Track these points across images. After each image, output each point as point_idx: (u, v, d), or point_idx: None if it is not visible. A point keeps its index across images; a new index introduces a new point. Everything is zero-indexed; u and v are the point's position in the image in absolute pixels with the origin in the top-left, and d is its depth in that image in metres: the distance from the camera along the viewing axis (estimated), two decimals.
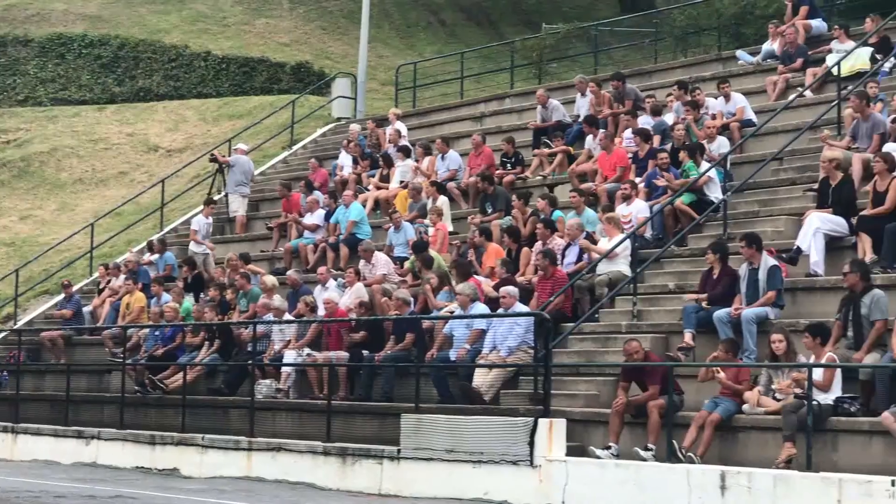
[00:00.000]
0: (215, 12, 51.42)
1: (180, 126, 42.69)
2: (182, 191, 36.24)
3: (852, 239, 19.41)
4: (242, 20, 50.95)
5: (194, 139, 41.21)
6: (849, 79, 24.34)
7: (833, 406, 16.45)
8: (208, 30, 49.99)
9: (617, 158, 24.65)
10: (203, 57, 46.40)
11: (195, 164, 37.45)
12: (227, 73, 45.96)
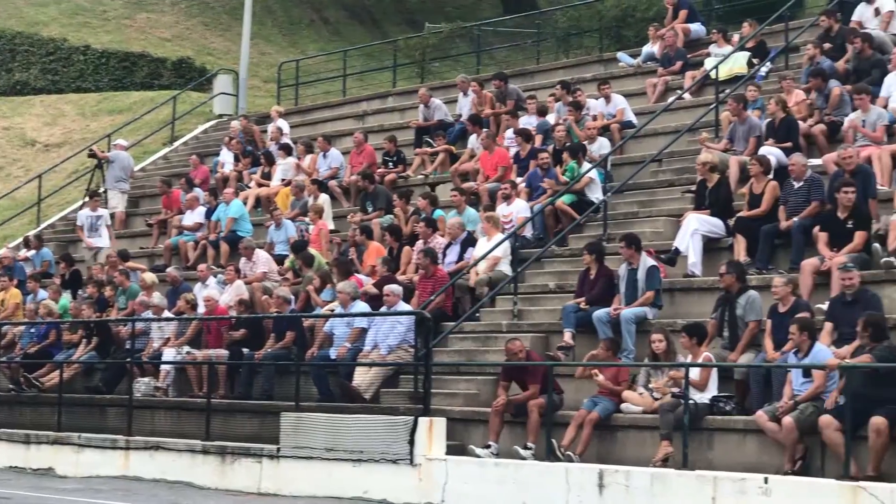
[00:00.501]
0: (95, 5, 50.73)
1: (58, 121, 42.06)
2: (59, 186, 35.73)
3: (729, 240, 19.67)
4: (123, 14, 50.32)
5: (73, 134, 40.63)
6: (726, 82, 24.68)
7: (709, 405, 16.67)
8: (88, 23, 49.30)
9: (498, 158, 24.75)
10: (82, 51, 45.73)
11: (73, 159, 36.90)
12: (107, 67, 45.34)
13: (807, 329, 15.86)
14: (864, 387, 14.96)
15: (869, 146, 19.73)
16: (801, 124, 21.30)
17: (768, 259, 18.95)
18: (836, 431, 15.00)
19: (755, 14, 28.82)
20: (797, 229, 18.59)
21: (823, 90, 21.71)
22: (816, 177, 19.22)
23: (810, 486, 14.89)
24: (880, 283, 17.32)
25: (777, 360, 16.39)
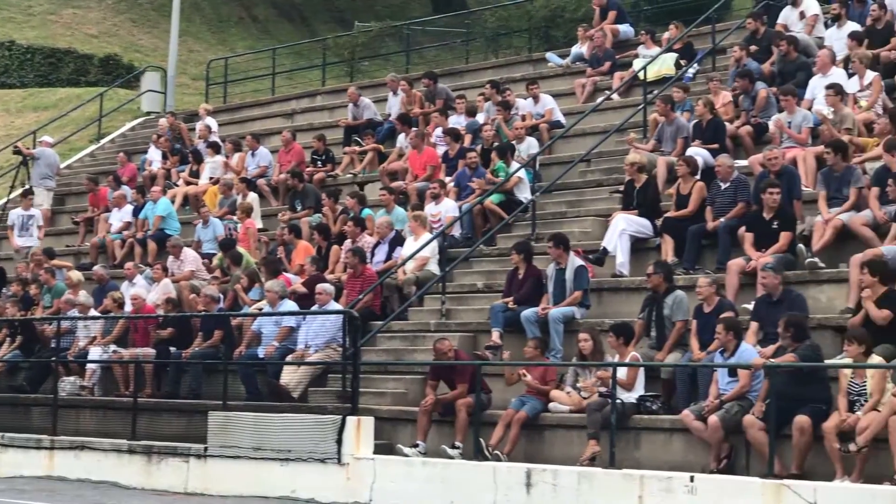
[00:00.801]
0: (20, 0, 50.26)
1: None
2: None
3: (656, 240, 19.80)
4: (48, 10, 49.86)
5: None
6: (654, 83, 24.83)
7: (636, 404, 16.77)
8: (13, 18, 48.81)
9: (427, 157, 24.78)
10: (7, 46, 45.24)
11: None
12: (32, 63, 44.87)
13: (733, 329, 16.00)
14: (788, 386, 15.10)
15: (794, 148, 19.92)
16: (727, 126, 21.48)
17: (695, 259, 19.09)
18: (761, 430, 15.15)
19: (682, 16, 29.01)
20: (723, 230, 18.74)
21: (750, 92, 21.90)
22: (742, 178, 19.38)
23: (735, 484, 15.02)
24: (805, 284, 17.49)
25: (703, 359, 16.52)
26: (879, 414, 14.39)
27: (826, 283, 17.52)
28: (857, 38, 21.96)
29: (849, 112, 19.84)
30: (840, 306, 16.98)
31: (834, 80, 20.69)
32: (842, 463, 14.58)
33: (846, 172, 18.21)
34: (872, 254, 16.48)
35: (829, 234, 17.78)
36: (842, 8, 23.29)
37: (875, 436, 14.32)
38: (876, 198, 17.74)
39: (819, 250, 17.76)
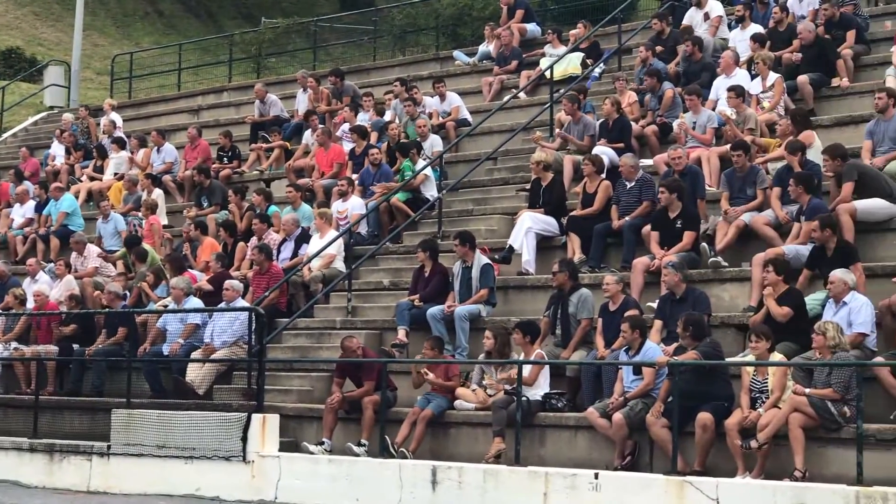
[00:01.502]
0: None
1: None
2: None
3: (562, 239, 19.90)
4: None
5: None
6: (561, 82, 24.96)
7: (541, 402, 16.84)
8: None
9: (334, 154, 24.73)
10: None
11: None
12: None
13: (638, 327, 16.11)
14: (691, 384, 15.24)
15: (698, 147, 20.10)
16: (633, 125, 21.64)
17: (601, 258, 19.21)
18: (664, 428, 15.28)
19: (589, 16, 29.21)
20: (629, 229, 18.88)
21: (657, 91, 22.08)
22: (648, 177, 19.54)
23: (639, 481, 15.14)
24: (708, 282, 17.67)
25: (608, 357, 16.63)
26: (780, 411, 14.57)
27: (729, 281, 17.72)
28: (760, 39, 22.21)
29: (752, 113, 20.06)
30: (742, 304, 17.17)
31: (737, 81, 20.93)
32: (743, 459, 14.75)
33: (749, 173, 18.41)
34: (774, 253, 16.69)
35: (732, 234, 17.98)
36: (745, 10, 23.55)
37: (776, 432, 14.50)
38: (778, 198, 17.96)
39: (722, 249, 17.95)
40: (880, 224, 17.34)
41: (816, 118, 20.32)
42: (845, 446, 14.29)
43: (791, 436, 14.38)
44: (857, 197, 17.28)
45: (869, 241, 17.24)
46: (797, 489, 13.98)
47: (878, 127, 18.49)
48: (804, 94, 21.07)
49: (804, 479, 14.20)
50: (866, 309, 15.36)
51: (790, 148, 18.07)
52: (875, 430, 14.30)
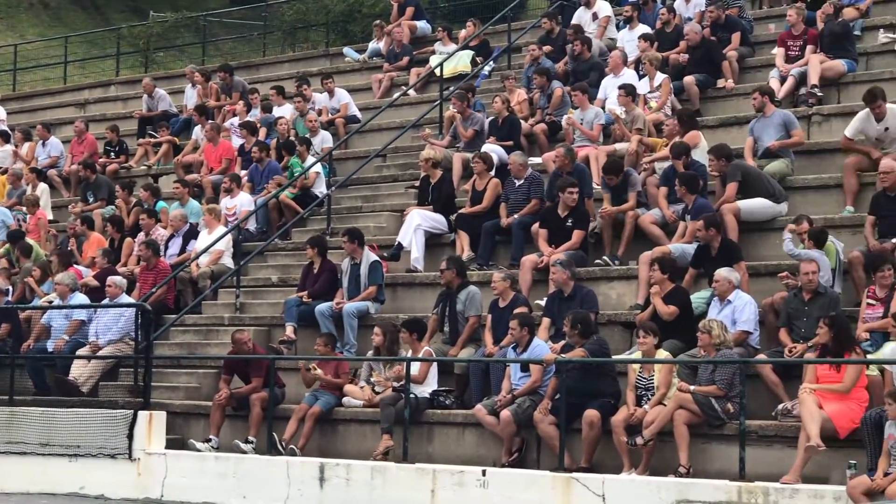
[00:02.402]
0: None
1: None
2: None
3: (451, 236, 19.95)
4: None
5: None
6: (451, 80, 25.03)
7: (429, 399, 16.88)
8: None
9: (223, 150, 24.57)
10: None
11: None
12: None
13: (526, 324, 16.19)
14: (578, 381, 15.36)
15: (586, 146, 20.25)
16: (523, 123, 21.75)
17: (489, 255, 19.29)
18: (551, 425, 15.38)
19: (479, 14, 29.33)
20: (517, 226, 18.98)
21: (547, 89, 22.21)
22: (537, 175, 19.65)
23: (526, 477, 15.24)
24: (596, 280, 17.82)
25: (496, 354, 16.71)
26: (665, 408, 14.73)
27: (616, 279, 17.89)
28: (648, 40, 22.44)
29: (640, 112, 20.26)
30: (629, 302, 17.35)
31: (625, 80, 21.12)
32: (629, 456, 14.89)
33: (625, 177, 18.58)
34: (660, 251, 16.87)
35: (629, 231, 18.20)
36: (633, 11, 23.77)
37: (661, 429, 14.66)
38: (664, 197, 18.16)
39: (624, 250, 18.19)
40: (763, 224, 17.61)
41: (702, 118, 20.58)
42: (728, 442, 14.49)
43: (676, 432, 14.55)
44: (742, 197, 17.53)
45: (752, 240, 17.50)
46: (681, 485, 14.15)
47: (760, 123, 18.77)
48: (690, 95, 21.33)
49: (688, 474, 14.38)
50: (750, 307, 15.58)
51: (675, 151, 18.27)
52: (757, 426, 14.51)
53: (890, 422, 12.96)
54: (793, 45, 21.09)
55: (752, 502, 13.67)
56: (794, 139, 18.50)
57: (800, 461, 13.66)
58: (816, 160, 18.90)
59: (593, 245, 18.54)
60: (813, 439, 13.45)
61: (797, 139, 18.54)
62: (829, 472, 13.83)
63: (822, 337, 14.21)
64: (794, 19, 21.19)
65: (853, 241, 16.65)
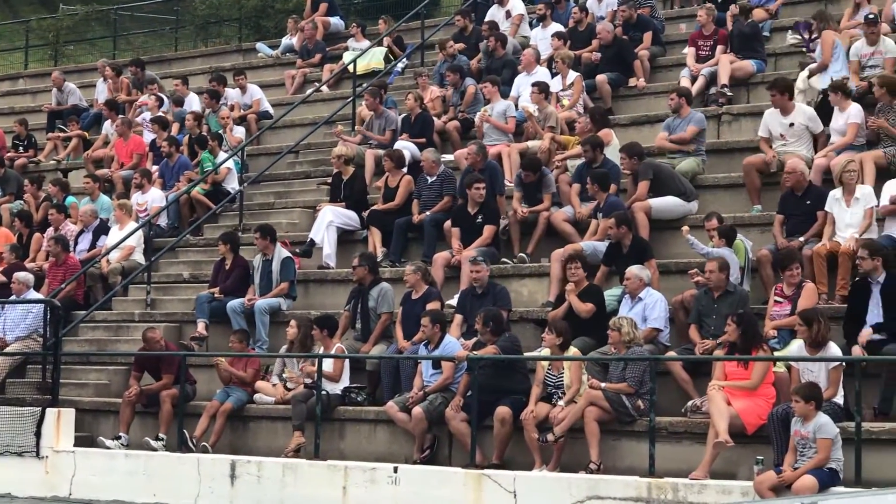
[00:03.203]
0: None
1: None
2: None
3: (363, 233, 19.94)
4: None
5: None
6: (364, 76, 25.00)
7: (341, 396, 16.87)
8: None
9: (134, 145, 24.36)
10: None
11: None
12: None
13: (438, 321, 16.22)
14: (490, 378, 15.41)
15: (498, 144, 20.31)
16: (435, 120, 21.77)
17: (401, 252, 19.30)
18: (463, 422, 15.42)
19: (392, 11, 29.34)
20: (429, 223, 19.00)
21: (460, 87, 22.25)
22: (449, 172, 19.69)
23: (438, 474, 15.27)
24: (508, 277, 17.89)
25: (408, 351, 16.72)
26: (576, 405, 14.81)
27: (528, 277, 17.97)
28: (561, 38, 22.54)
29: (552, 110, 20.35)
30: (541, 300, 17.43)
31: (538, 78, 21.20)
32: (540, 453, 14.96)
33: (540, 175, 18.65)
34: (572, 249, 16.95)
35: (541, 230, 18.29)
36: (547, 9, 23.87)
37: (571, 426, 14.74)
38: (576, 194, 18.26)
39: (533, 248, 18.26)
40: (674, 222, 17.75)
41: (614, 117, 20.72)
42: (638, 439, 14.60)
43: (586, 429, 14.63)
44: (653, 195, 17.67)
45: (663, 238, 17.64)
46: (591, 481, 14.24)
47: (675, 123, 18.93)
48: (602, 94, 21.47)
49: (599, 471, 14.48)
50: (660, 305, 15.71)
51: (589, 144, 18.31)
52: (667, 422, 14.64)
53: (796, 418, 13.13)
54: (703, 45, 21.30)
55: (661, 498, 13.80)
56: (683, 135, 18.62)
57: (708, 457, 13.80)
58: (726, 159, 19.10)
59: (505, 242, 18.60)
60: (721, 435, 13.60)
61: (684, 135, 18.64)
62: (737, 468, 13.98)
63: (731, 334, 14.37)
64: (705, 20, 21.40)
65: (762, 240, 16.84)
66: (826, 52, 19.00)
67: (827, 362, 13.80)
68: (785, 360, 14.41)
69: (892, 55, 18.60)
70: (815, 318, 13.90)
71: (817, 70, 19.04)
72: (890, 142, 17.08)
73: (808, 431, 12.98)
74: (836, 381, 13.74)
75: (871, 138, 17.43)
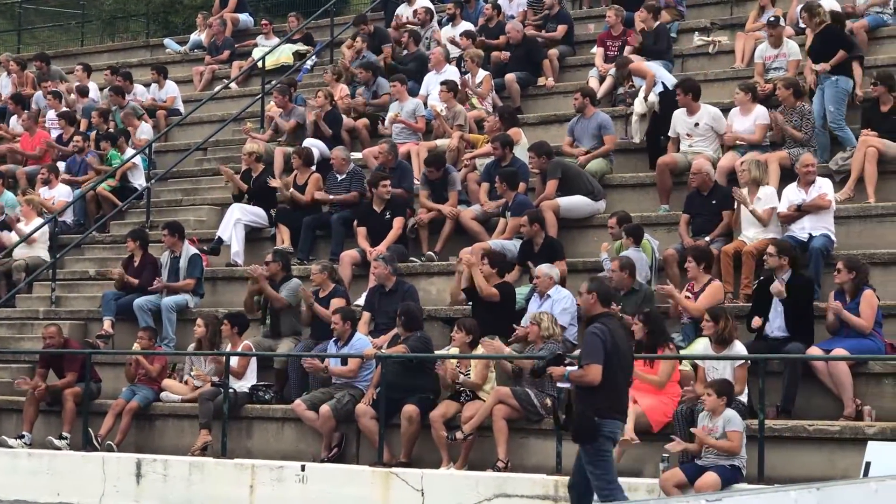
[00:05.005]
0: None
1: None
2: None
3: (272, 230, 19.88)
4: None
5: None
6: (273, 72, 24.90)
7: (248, 394, 16.80)
8: None
9: (39, 141, 24.08)
10: None
11: None
12: None
13: (349, 318, 16.20)
14: (398, 376, 15.43)
15: (408, 142, 20.32)
16: (344, 118, 21.71)
17: (310, 250, 19.27)
18: (372, 419, 15.41)
19: (302, 8, 29.24)
20: (337, 221, 18.98)
21: (371, 85, 22.22)
22: (358, 170, 19.68)
23: (345, 472, 15.26)
24: (416, 276, 17.92)
25: (317, 347, 16.69)
26: (484, 403, 14.86)
27: (436, 275, 18.00)
28: (470, 37, 22.58)
29: (461, 109, 20.38)
30: (449, 298, 17.45)
31: (448, 77, 21.22)
32: (448, 451, 14.99)
33: (445, 173, 18.71)
34: (480, 247, 17.00)
35: (448, 229, 18.31)
36: (456, 8, 23.90)
37: (480, 424, 14.78)
38: (485, 193, 18.32)
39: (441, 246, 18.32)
40: (582, 221, 17.89)
41: (523, 116, 20.79)
42: (546, 437, 14.67)
43: (494, 427, 14.68)
44: (561, 194, 17.77)
45: (571, 237, 17.76)
46: (499, 479, 14.30)
47: (579, 125, 19.04)
48: (511, 93, 21.53)
49: (506, 469, 14.54)
50: (568, 302, 15.79)
51: (499, 142, 18.38)
52: None
53: (704, 412, 13.26)
54: (612, 46, 21.43)
55: (567, 496, 13.86)
56: (606, 146, 18.75)
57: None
58: (634, 159, 19.24)
59: (413, 240, 18.62)
60: (627, 433, 13.69)
61: (608, 146, 18.77)
62: (643, 466, 14.09)
63: (637, 332, 14.48)
64: (613, 20, 21.53)
65: (668, 239, 16.99)
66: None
67: (732, 361, 13.95)
68: (690, 358, 14.55)
69: (796, 57, 18.85)
70: (722, 314, 14.06)
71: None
72: (793, 143, 17.30)
73: (716, 426, 13.13)
74: (741, 379, 13.89)
75: (776, 139, 17.64)
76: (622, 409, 11.88)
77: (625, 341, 11.96)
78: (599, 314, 11.81)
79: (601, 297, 11.85)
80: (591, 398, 11.53)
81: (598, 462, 11.62)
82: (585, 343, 11.71)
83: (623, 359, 11.72)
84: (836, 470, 13.25)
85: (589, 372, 11.46)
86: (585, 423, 11.56)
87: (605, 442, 11.60)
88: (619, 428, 11.87)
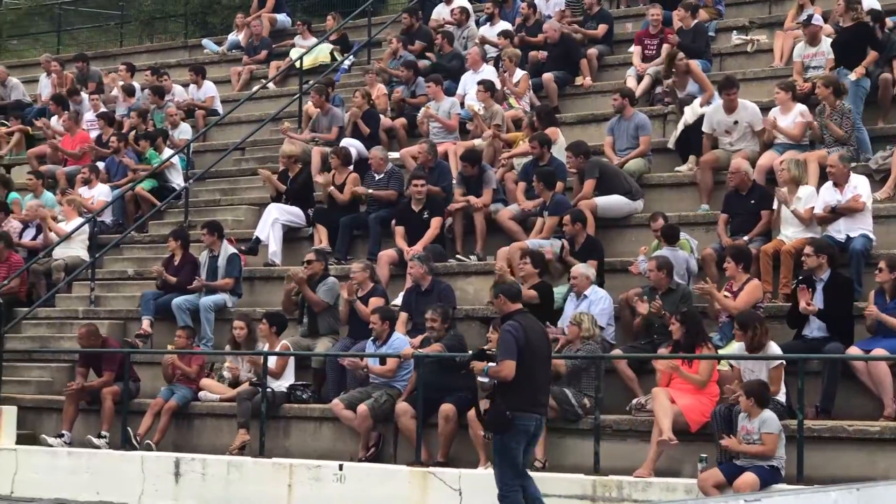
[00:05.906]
0: None
1: None
2: None
3: (309, 230, 19.90)
4: None
5: None
6: (311, 72, 24.93)
7: (286, 393, 16.82)
8: None
9: (79, 141, 24.20)
10: None
11: None
12: None
13: (387, 318, 16.21)
14: (435, 375, 15.42)
15: (445, 142, 20.30)
16: (382, 118, 21.72)
17: (347, 249, 19.28)
18: (410, 419, 15.41)
19: (339, 8, 29.25)
20: (374, 221, 18.99)
21: (412, 84, 22.22)
22: (396, 169, 19.68)
23: (383, 472, 15.28)
24: (453, 276, 17.90)
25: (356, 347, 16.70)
26: None
27: (474, 274, 17.97)
28: (508, 37, 22.54)
29: (498, 108, 20.35)
30: (486, 298, 17.39)
31: (485, 76, 21.19)
32: (485, 450, 14.96)
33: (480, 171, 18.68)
34: (518, 247, 16.98)
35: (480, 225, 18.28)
36: (494, 7, 23.88)
37: None
38: (523, 192, 18.29)
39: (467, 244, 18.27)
40: (619, 220, 17.84)
41: (560, 115, 20.73)
42: (584, 437, 14.65)
43: None
44: (599, 193, 17.72)
45: (609, 236, 17.71)
46: (537, 479, 14.21)
47: (619, 125, 19.00)
48: (549, 92, 21.48)
49: (544, 468, 14.51)
50: (605, 302, 15.76)
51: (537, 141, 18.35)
52: (612, 420, 14.69)
53: (743, 413, 13.22)
54: (650, 44, 21.35)
55: (606, 496, 13.85)
56: (642, 147, 18.70)
57: (653, 455, 13.87)
58: (672, 158, 19.17)
59: (451, 240, 18.61)
60: (665, 433, 13.66)
61: (644, 147, 18.72)
62: (681, 466, 14.05)
63: (675, 333, 14.43)
64: (658, 18, 21.39)
65: (707, 239, 16.92)
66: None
67: (767, 362, 13.88)
68: (728, 358, 14.48)
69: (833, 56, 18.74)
70: (751, 323, 13.91)
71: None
72: (833, 142, 17.20)
73: (753, 427, 13.08)
74: (777, 380, 13.81)
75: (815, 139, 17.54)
76: (538, 402, 12.76)
77: (539, 336, 12.75)
78: (512, 312, 12.68)
79: (508, 296, 12.81)
80: (507, 393, 12.49)
81: (504, 454, 12.63)
82: (500, 341, 12.51)
83: (538, 353, 12.51)
84: (877, 470, 13.17)
85: (503, 368, 12.40)
86: (498, 416, 12.55)
87: (515, 436, 12.49)
88: (533, 422, 12.61)
